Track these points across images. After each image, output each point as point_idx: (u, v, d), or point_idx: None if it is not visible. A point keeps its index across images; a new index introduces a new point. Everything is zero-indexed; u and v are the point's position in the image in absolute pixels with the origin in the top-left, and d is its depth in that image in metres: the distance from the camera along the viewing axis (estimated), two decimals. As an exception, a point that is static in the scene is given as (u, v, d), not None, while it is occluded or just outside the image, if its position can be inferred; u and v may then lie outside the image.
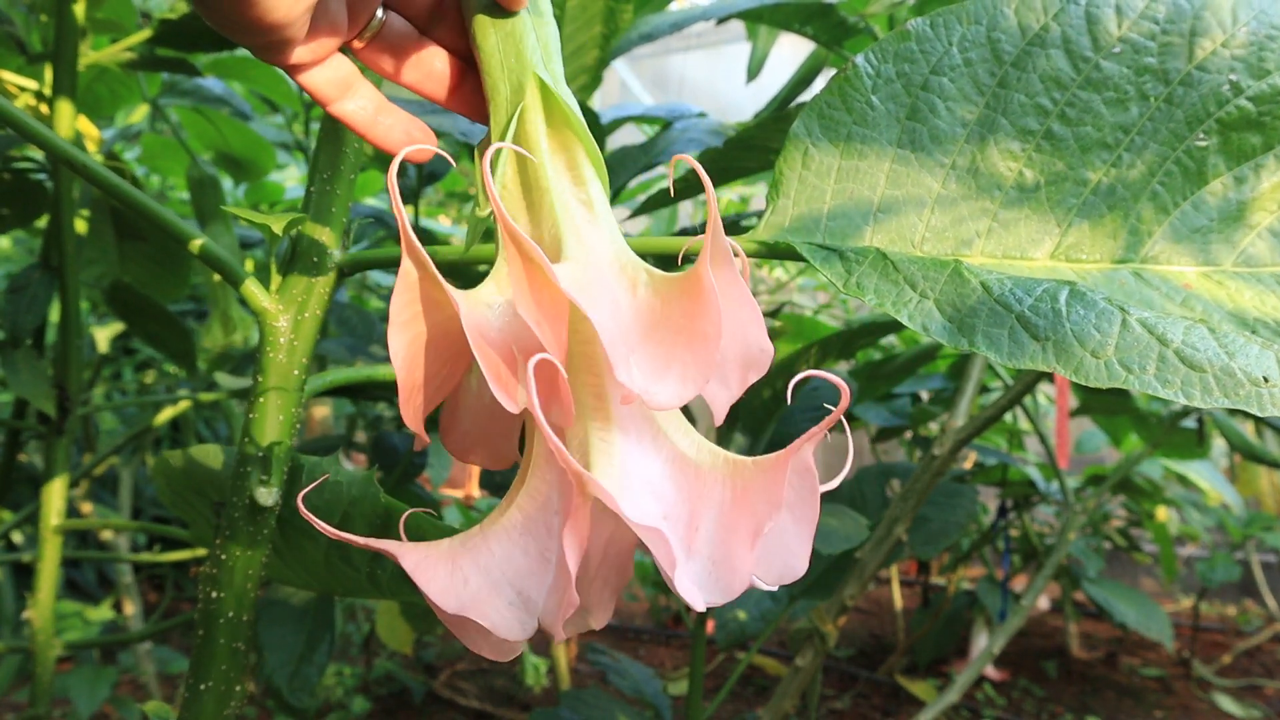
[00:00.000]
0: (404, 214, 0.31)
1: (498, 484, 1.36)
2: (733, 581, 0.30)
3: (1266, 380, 0.33)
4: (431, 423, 0.42)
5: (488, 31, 0.37)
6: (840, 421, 0.32)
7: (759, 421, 1.34)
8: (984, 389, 2.04)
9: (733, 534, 0.31)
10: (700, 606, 0.30)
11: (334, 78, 0.40)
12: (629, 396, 0.30)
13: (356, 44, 0.40)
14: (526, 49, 0.36)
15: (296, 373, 0.58)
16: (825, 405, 1.35)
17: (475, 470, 2.31)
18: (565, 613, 0.30)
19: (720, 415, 0.35)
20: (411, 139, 0.41)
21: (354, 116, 0.41)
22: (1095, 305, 0.35)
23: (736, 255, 0.37)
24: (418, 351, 0.34)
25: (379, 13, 0.39)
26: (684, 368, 0.31)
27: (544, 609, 0.31)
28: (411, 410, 0.35)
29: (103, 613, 1.74)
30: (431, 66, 0.41)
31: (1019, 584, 2.73)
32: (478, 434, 0.40)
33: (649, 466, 0.33)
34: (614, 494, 0.29)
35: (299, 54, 0.38)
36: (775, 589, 0.32)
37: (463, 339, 0.31)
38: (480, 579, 0.31)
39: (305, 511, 0.32)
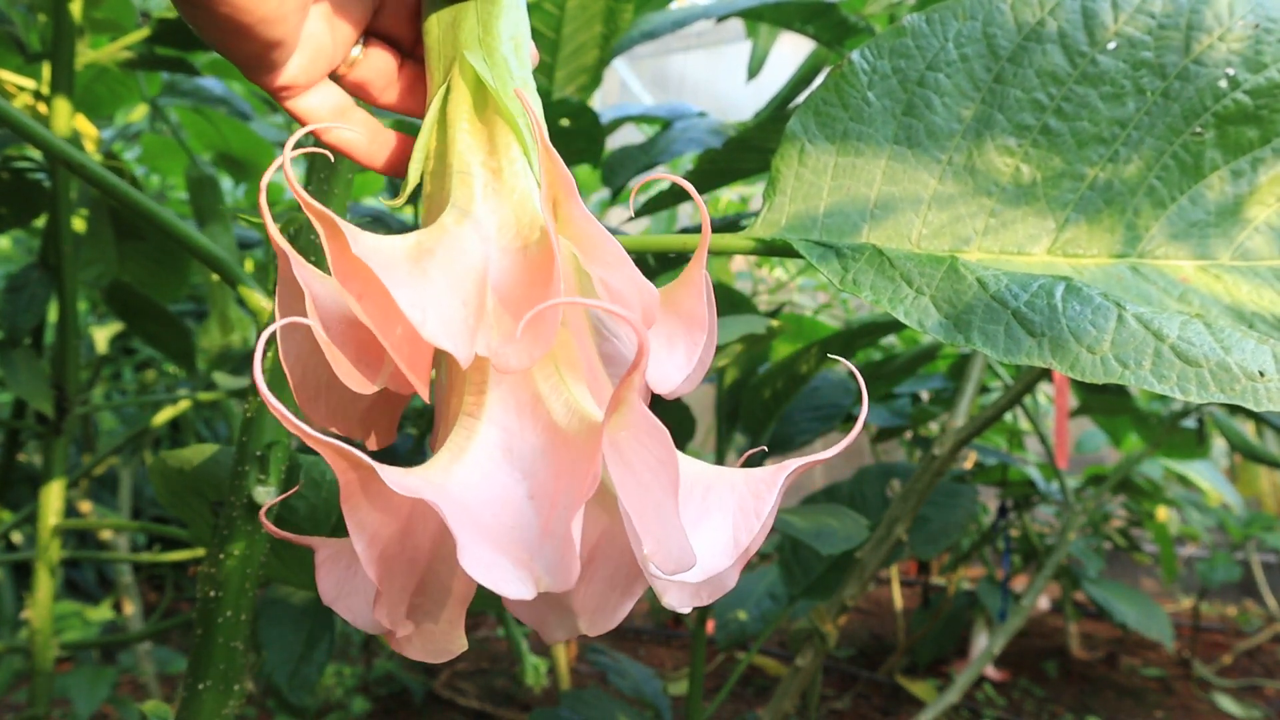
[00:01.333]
0: (267, 211, 0.31)
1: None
2: (570, 567, 0.27)
3: (1262, 375, 0.33)
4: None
5: (432, 27, 0.37)
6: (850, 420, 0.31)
7: (759, 422, 1.34)
8: (984, 389, 2.04)
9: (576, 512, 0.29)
10: (516, 594, 0.27)
11: (324, 104, 0.39)
12: (464, 361, 0.29)
13: (341, 69, 0.39)
14: (461, 34, 0.36)
15: (294, 371, 0.58)
16: (825, 405, 1.35)
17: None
18: (377, 609, 0.29)
19: (662, 384, 0.33)
20: (404, 160, 0.41)
21: (349, 144, 0.40)
22: (1091, 301, 0.35)
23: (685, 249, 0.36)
24: (314, 349, 0.33)
25: (357, 48, 0.39)
26: (535, 324, 0.29)
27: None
28: (321, 412, 0.35)
29: (102, 613, 1.74)
30: (413, 86, 0.40)
31: (1019, 584, 2.73)
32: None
33: (521, 441, 0.31)
34: (402, 473, 0.27)
35: (289, 75, 0.37)
36: (672, 578, 0.29)
37: (363, 331, 0.30)
38: (363, 575, 0.31)
39: (267, 524, 0.32)
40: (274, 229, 0.31)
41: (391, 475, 0.27)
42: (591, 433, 0.29)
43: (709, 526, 0.30)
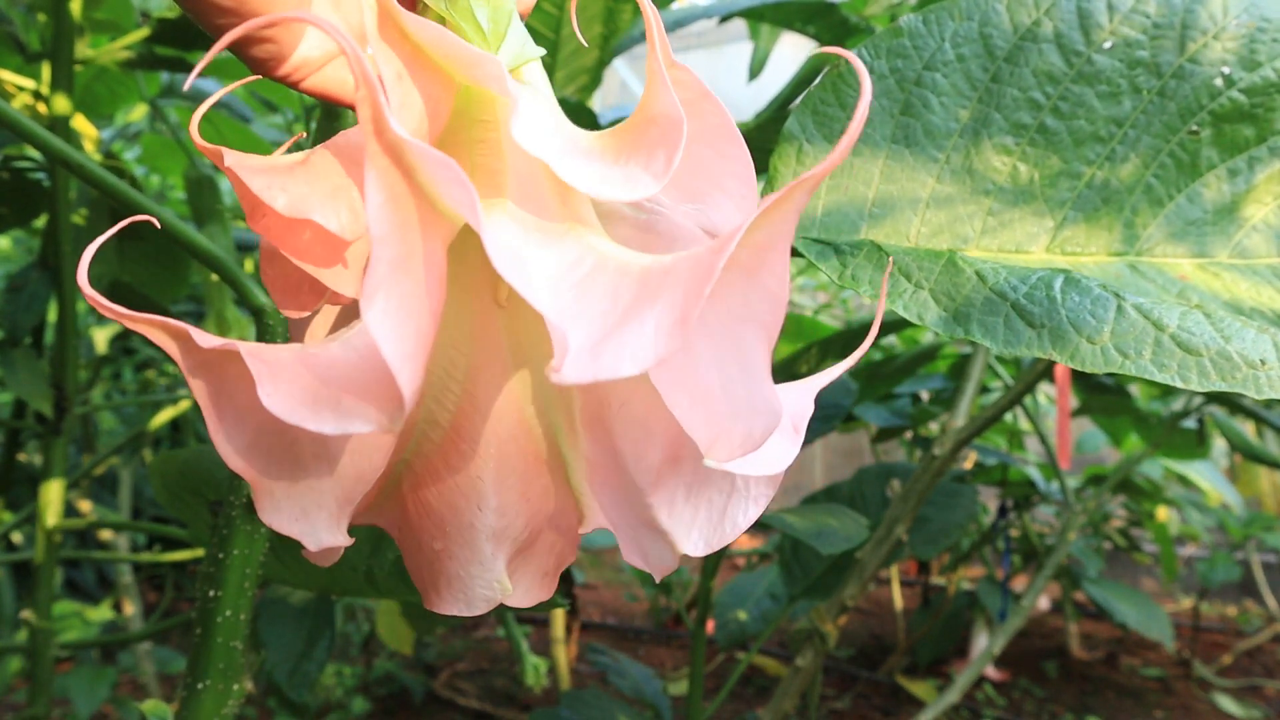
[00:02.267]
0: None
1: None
2: (379, 371, 0.24)
3: (1264, 363, 0.33)
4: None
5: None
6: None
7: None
8: (984, 389, 2.04)
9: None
10: (320, 427, 0.24)
11: (339, 73, 0.38)
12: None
13: None
14: None
15: (293, 370, 0.58)
16: (825, 405, 1.34)
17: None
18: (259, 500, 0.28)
19: (635, 188, 0.27)
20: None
21: (335, 87, 0.39)
22: (1090, 292, 0.35)
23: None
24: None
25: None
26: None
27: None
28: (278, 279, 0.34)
29: (102, 613, 1.74)
30: None
31: (1019, 584, 2.73)
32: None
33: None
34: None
35: (301, 58, 0.35)
36: (566, 377, 0.23)
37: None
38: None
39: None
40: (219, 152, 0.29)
41: (199, 333, 0.25)
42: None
43: (660, 307, 0.24)
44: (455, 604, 0.31)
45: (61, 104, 0.94)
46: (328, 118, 0.54)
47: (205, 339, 0.25)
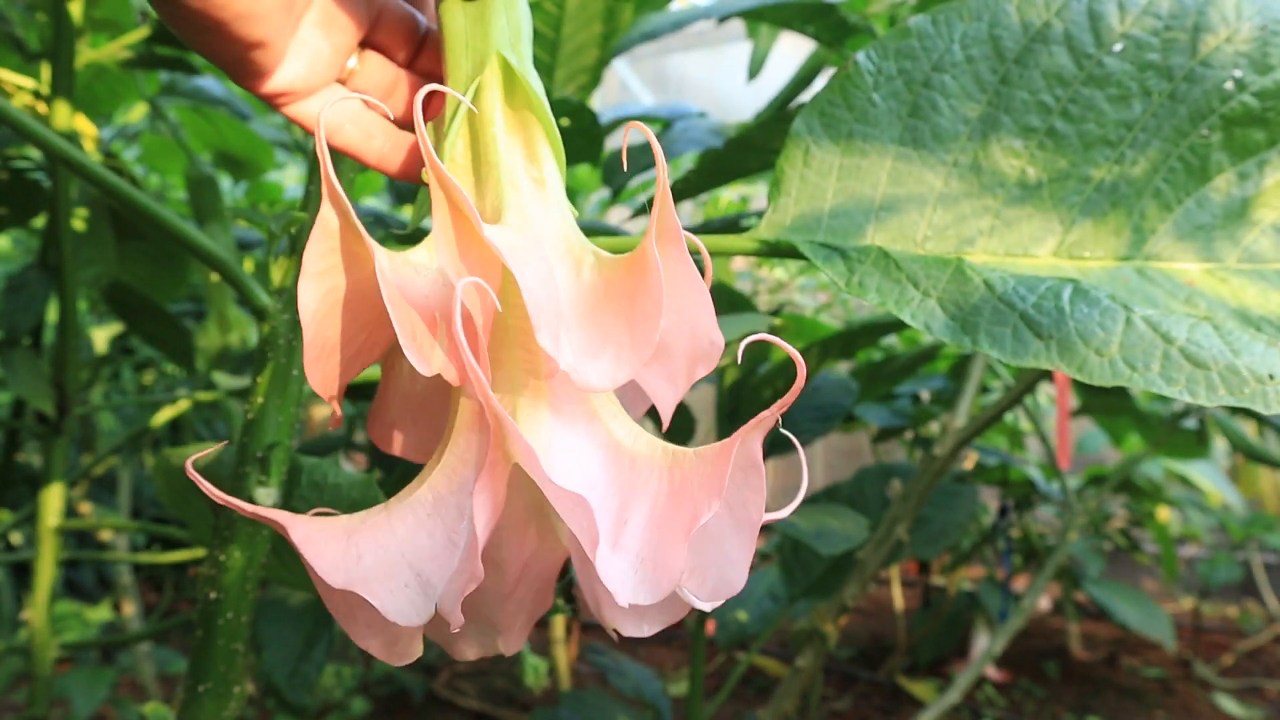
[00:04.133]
0: (326, 153, 0.30)
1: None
2: (662, 580, 0.28)
3: (1272, 378, 0.32)
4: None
5: (456, 14, 0.35)
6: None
7: (759, 421, 1.34)
8: (984, 389, 2.04)
9: (666, 530, 0.28)
10: (624, 602, 0.27)
11: (333, 109, 0.38)
12: (552, 368, 0.29)
13: (338, 79, 0.38)
14: (494, 29, 0.34)
15: (296, 373, 0.58)
16: (825, 405, 1.34)
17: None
18: (466, 588, 0.28)
19: (666, 415, 0.34)
20: (413, 165, 0.40)
21: (357, 148, 0.39)
22: (1099, 303, 0.35)
23: (697, 254, 0.35)
24: (333, 307, 0.32)
25: (353, 59, 0.38)
26: (619, 348, 0.29)
27: (445, 591, 0.29)
28: (321, 375, 0.33)
29: (101, 613, 1.74)
30: (409, 97, 0.39)
31: (1020, 584, 2.72)
32: (407, 422, 0.38)
33: (580, 450, 0.31)
34: (537, 455, 0.27)
35: (284, 81, 0.36)
36: (710, 605, 0.29)
37: (383, 304, 0.29)
38: (376, 557, 0.29)
39: (264, 515, 0.31)
40: (332, 178, 0.30)
41: (547, 465, 0.28)
42: (677, 459, 0.30)
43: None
44: (383, 650, 0.33)
45: (62, 104, 0.94)
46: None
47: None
